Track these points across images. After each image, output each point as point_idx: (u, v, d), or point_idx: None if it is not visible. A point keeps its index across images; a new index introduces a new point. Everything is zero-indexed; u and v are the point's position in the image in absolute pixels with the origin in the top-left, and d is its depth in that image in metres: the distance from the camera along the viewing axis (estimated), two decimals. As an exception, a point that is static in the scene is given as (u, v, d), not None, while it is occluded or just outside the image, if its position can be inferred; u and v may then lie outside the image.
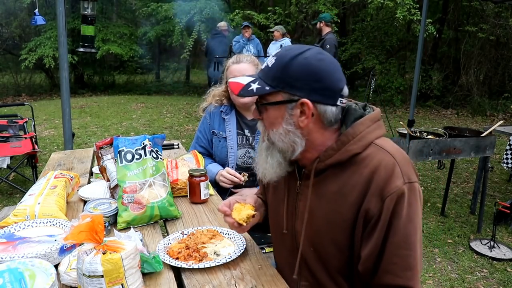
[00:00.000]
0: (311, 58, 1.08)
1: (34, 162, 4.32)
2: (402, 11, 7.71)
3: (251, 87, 1.12)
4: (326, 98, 1.09)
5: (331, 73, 1.09)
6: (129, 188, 1.61)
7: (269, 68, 1.12)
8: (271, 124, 1.14)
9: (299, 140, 1.12)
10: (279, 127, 1.12)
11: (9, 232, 1.43)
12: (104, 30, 11.62)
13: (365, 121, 1.12)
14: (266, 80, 1.12)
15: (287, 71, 1.08)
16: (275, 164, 1.16)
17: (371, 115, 1.15)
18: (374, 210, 1.06)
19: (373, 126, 1.13)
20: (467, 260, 3.16)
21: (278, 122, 1.12)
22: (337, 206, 1.11)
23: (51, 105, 9.51)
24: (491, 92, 9.80)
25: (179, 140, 5.23)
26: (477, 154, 3.39)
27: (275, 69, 1.10)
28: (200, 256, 1.34)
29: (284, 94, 1.10)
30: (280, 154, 1.15)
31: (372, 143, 1.12)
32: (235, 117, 2.20)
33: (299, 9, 10.34)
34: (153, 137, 1.75)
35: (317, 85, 1.08)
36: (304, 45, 1.15)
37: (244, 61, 2.11)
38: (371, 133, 1.12)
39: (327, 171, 1.14)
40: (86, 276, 1.09)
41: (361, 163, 1.09)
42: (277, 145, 1.14)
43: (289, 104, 1.10)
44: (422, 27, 5.04)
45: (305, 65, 1.07)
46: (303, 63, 1.07)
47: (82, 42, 3.47)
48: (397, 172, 1.06)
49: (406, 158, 1.12)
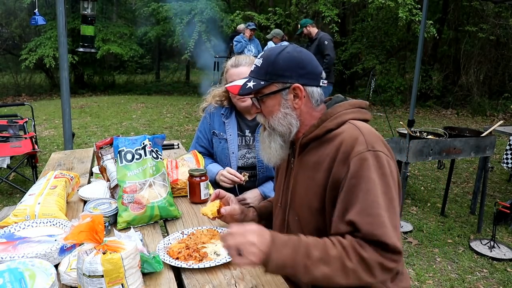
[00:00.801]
0: (292, 52, 1.30)
1: (34, 162, 4.32)
2: (403, 11, 7.70)
3: (248, 85, 1.30)
4: (311, 81, 1.31)
5: (310, 60, 1.31)
6: (129, 188, 1.61)
7: (259, 67, 1.32)
8: (270, 112, 1.32)
9: (295, 121, 1.31)
10: (277, 113, 1.31)
11: (9, 232, 1.43)
12: (104, 30, 11.62)
13: (343, 104, 1.33)
14: (259, 77, 1.31)
15: (276, 65, 1.28)
16: (278, 147, 1.33)
17: (352, 101, 1.35)
18: (341, 175, 1.19)
19: (351, 110, 1.31)
20: (467, 260, 3.16)
21: (276, 108, 1.31)
22: (313, 173, 1.28)
23: (51, 105, 9.51)
24: (491, 92, 9.80)
25: (179, 140, 5.24)
26: (477, 154, 3.39)
27: (265, 66, 1.30)
28: (200, 256, 1.34)
29: (277, 84, 1.29)
30: (281, 137, 1.33)
31: (347, 121, 1.28)
32: (235, 120, 2.20)
33: (299, 10, 10.35)
34: (153, 137, 1.75)
35: (302, 71, 1.29)
36: (280, 44, 1.37)
37: (243, 64, 2.09)
38: (348, 114, 1.29)
39: (309, 145, 1.33)
40: (86, 276, 1.09)
41: (335, 137, 1.26)
42: (277, 129, 1.32)
43: (283, 92, 1.29)
44: (422, 27, 5.04)
45: (289, 57, 1.29)
46: (287, 56, 1.29)
47: (82, 42, 3.47)
48: (361, 140, 1.20)
49: (374, 134, 1.25)
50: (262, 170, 2.17)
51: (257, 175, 2.17)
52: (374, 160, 1.17)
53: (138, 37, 12.30)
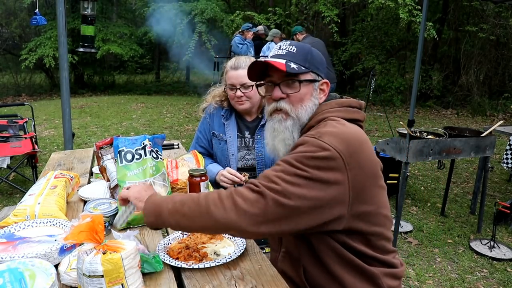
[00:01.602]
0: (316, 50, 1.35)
1: (34, 162, 4.32)
2: (403, 12, 7.70)
3: (292, 66, 1.27)
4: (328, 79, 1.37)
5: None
6: (129, 188, 1.60)
7: (295, 53, 1.30)
8: (300, 99, 1.30)
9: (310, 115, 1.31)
10: (308, 102, 1.31)
11: (9, 232, 1.43)
12: (104, 30, 11.62)
13: (330, 103, 1.32)
14: (298, 62, 1.29)
15: (312, 56, 1.32)
16: (296, 139, 1.29)
17: (340, 99, 1.34)
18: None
19: (336, 108, 1.30)
20: (467, 260, 3.16)
21: (307, 97, 1.31)
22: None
23: (51, 105, 9.51)
24: (491, 92, 9.80)
25: (179, 140, 5.24)
26: (477, 154, 3.39)
27: (303, 54, 1.30)
28: (200, 256, 1.34)
29: (312, 74, 1.32)
30: (299, 128, 1.31)
31: (327, 119, 1.26)
32: (234, 121, 2.19)
33: (299, 10, 10.34)
34: (153, 137, 1.75)
35: (325, 70, 1.36)
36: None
37: (243, 66, 2.06)
38: (330, 113, 1.28)
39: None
40: (86, 276, 1.09)
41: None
42: (301, 119, 1.30)
43: (316, 83, 1.32)
44: (422, 27, 5.04)
45: (318, 54, 1.34)
46: (317, 52, 1.34)
47: (82, 42, 3.47)
48: (315, 132, 1.20)
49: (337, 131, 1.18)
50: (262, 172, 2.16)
51: (257, 177, 2.17)
52: (310, 145, 1.14)
53: (138, 37, 12.30)
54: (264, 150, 2.14)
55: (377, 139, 6.28)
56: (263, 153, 2.14)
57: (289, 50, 1.31)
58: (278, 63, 1.26)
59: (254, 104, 2.12)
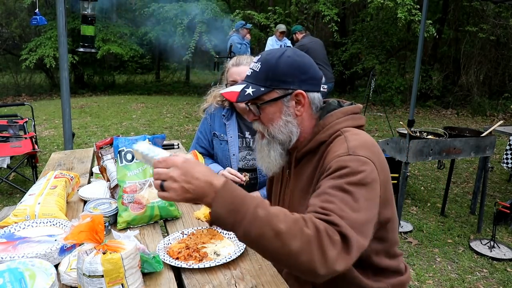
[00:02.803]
0: (293, 55, 1.23)
1: (34, 162, 4.32)
2: (402, 11, 7.70)
3: (247, 92, 1.22)
4: (313, 86, 1.25)
5: (312, 65, 1.26)
6: (129, 188, 1.61)
7: (257, 72, 1.24)
8: (270, 120, 1.26)
9: (295, 129, 1.26)
10: (278, 120, 1.25)
11: (9, 232, 1.43)
12: (104, 30, 11.62)
13: (335, 113, 1.26)
14: (258, 83, 1.23)
15: (277, 70, 1.21)
16: (277, 156, 1.28)
17: (344, 108, 1.29)
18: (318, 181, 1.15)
19: (343, 118, 1.26)
20: (467, 260, 3.16)
21: (277, 116, 1.25)
22: (307, 187, 1.26)
23: (51, 105, 9.51)
24: (491, 92, 9.80)
25: (179, 140, 5.23)
26: (477, 154, 3.39)
27: (265, 71, 1.22)
28: (200, 256, 1.34)
29: (278, 90, 1.23)
30: (280, 146, 1.28)
31: (339, 131, 1.23)
32: (235, 121, 2.19)
33: (299, 9, 10.34)
34: (153, 137, 1.75)
35: (304, 76, 1.23)
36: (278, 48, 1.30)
37: (245, 63, 2.08)
38: (340, 124, 1.24)
39: (304, 159, 1.30)
40: (86, 276, 1.09)
41: (327, 149, 1.22)
42: (277, 138, 1.26)
43: (284, 98, 1.23)
44: (422, 27, 5.04)
45: (291, 61, 1.22)
46: (288, 60, 1.22)
47: (82, 42, 3.46)
48: (343, 147, 1.16)
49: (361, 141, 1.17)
50: (264, 173, 2.16)
51: (258, 178, 2.17)
52: (353, 162, 1.10)
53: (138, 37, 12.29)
54: None
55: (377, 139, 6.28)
56: None
57: (254, 70, 1.25)
58: (230, 93, 1.24)
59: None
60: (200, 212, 1.51)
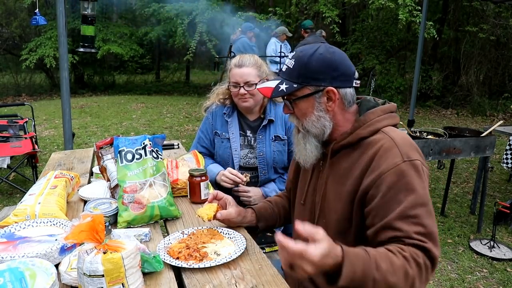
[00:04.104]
0: (325, 53, 1.28)
1: (34, 162, 4.32)
2: (403, 12, 7.70)
3: (281, 88, 1.30)
4: (344, 82, 1.30)
5: (343, 61, 1.30)
6: (129, 188, 1.61)
7: (291, 69, 1.30)
8: (303, 114, 1.32)
9: (328, 123, 1.31)
10: (311, 115, 1.31)
11: (9, 232, 1.43)
12: (104, 30, 11.61)
13: (376, 111, 1.32)
14: (291, 79, 1.30)
15: (309, 67, 1.27)
16: (313, 148, 1.34)
17: (383, 106, 1.35)
18: (370, 185, 1.21)
19: (383, 116, 1.31)
20: (467, 260, 3.16)
21: (309, 111, 1.31)
22: (345, 180, 1.29)
23: (51, 105, 9.51)
24: (491, 92, 9.79)
25: (179, 140, 5.24)
26: (477, 154, 3.39)
27: (297, 68, 1.29)
28: (201, 256, 1.34)
29: (310, 87, 1.29)
30: (315, 139, 1.34)
31: (380, 130, 1.29)
32: (237, 119, 2.19)
33: (299, 10, 10.34)
34: (153, 137, 1.75)
35: (335, 73, 1.28)
36: (312, 44, 1.32)
37: (247, 64, 2.06)
38: (380, 122, 1.30)
39: (341, 152, 1.33)
40: (86, 275, 1.09)
41: (368, 146, 1.27)
42: (311, 131, 1.33)
43: (316, 94, 1.29)
44: (422, 27, 5.04)
45: (322, 59, 1.27)
46: (320, 58, 1.27)
47: (82, 42, 3.47)
48: (395, 152, 1.22)
49: (407, 142, 1.27)
50: (264, 172, 2.16)
51: (259, 176, 2.17)
52: (413, 170, 1.19)
53: (138, 37, 12.29)
54: (266, 150, 2.14)
55: (377, 139, 6.27)
56: (264, 153, 2.14)
57: (288, 66, 1.32)
58: (265, 89, 1.33)
59: (257, 102, 2.13)
60: (203, 210, 1.52)
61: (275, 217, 1.64)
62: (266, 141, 2.14)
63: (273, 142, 2.14)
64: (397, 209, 1.15)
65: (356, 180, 1.25)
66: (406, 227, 1.13)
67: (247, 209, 1.60)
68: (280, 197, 1.72)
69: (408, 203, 1.15)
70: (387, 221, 1.16)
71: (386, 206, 1.17)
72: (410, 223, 1.14)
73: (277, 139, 2.15)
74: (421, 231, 1.13)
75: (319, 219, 1.37)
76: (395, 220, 1.15)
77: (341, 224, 1.30)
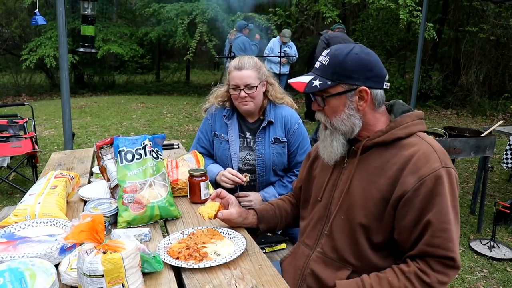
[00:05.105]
0: (360, 53, 1.30)
1: (34, 162, 4.32)
2: (404, 12, 7.70)
3: (314, 84, 1.31)
4: (377, 84, 1.31)
5: (378, 63, 1.32)
6: (129, 188, 1.61)
7: (326, 66, 1.31)
8: (333, 112, 1.33)
9: (358, 121, 1.33)
10: (341, 113, 1.32)
11: (9, 232, 1.43)
12: (104, 30, 11.61)
13: (412, 115, 1.36)
14: (325, 76, 1.31)
15: (344, 66, 1.28)
16: (340, 146, 1.35)
17: (417, 112, 1.39)
18: (409, 187, 1.22)
19: (417, 121, 1.36)
20: (467, 260, 3.16)
21: (340, 109, 1.32)
22: (376, 178, 1.29)
23: (51, 105, 9.51)
24: (491, 92, 9.79)
25: (179, 140, 5.24)
26: (477, 154, 3.39)
27: (333, 66, 1.30)
28: (201, 256, 1.34)
29: (344, 85, 1.30)
30: (343, 136, 1.35)
31: (415, 134, 1.33)
32: (236, 121, 2.18)
33: (299, 10, 10.34)
34: (153, 137, 1.75)
35: (369, 74, 1.30)
36: (348, 44, 1.35)
37: (247, 67, 2.03)
38: (416, 126, 1.34)
39: (372, 149, 1.34)
40: (86, 275, 1.09)
41: (403, 146, 1.29)
42: (339, 129, 1.34)
43: (349, 93, 1.30)
44: (422, 27, 5.04)
45: (358, 59, 1.29)
46: (356, 57, 1.29)
47: (82, 42, 3.47)
48: (435, 157, 1.25)
49: (442, 150, 1.30)
50: (262, 174, 2.16)
51: (257, 178, 2.16)
52: (447, 178, 1.22)
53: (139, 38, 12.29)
54: (265, 152, 2.13)
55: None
56: (263, 155, 2.13)
57: (322, 63, 1.33)
58: (298, 84, 1.33)
59: (257, 105, 2.11)
60: (204, 208, 1.51)
61: (276, 219, 1.64)
62: (265, 143, 2.14)
63: (272, 144, 2.13)
64: (429, 219, 1.20)
65: (390, 179, 1.26)
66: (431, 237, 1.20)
67: (249, 210, 1.60)
68: (282, 200, 1.72)
69: (439, 214, 1.20)
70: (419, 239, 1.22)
71: (420, 213, 1.21)
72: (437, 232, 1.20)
73: (276, 141, 2.13)
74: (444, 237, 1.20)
75: (337, 215, 1.36)
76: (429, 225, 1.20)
77: (369, 221, 1.29)
